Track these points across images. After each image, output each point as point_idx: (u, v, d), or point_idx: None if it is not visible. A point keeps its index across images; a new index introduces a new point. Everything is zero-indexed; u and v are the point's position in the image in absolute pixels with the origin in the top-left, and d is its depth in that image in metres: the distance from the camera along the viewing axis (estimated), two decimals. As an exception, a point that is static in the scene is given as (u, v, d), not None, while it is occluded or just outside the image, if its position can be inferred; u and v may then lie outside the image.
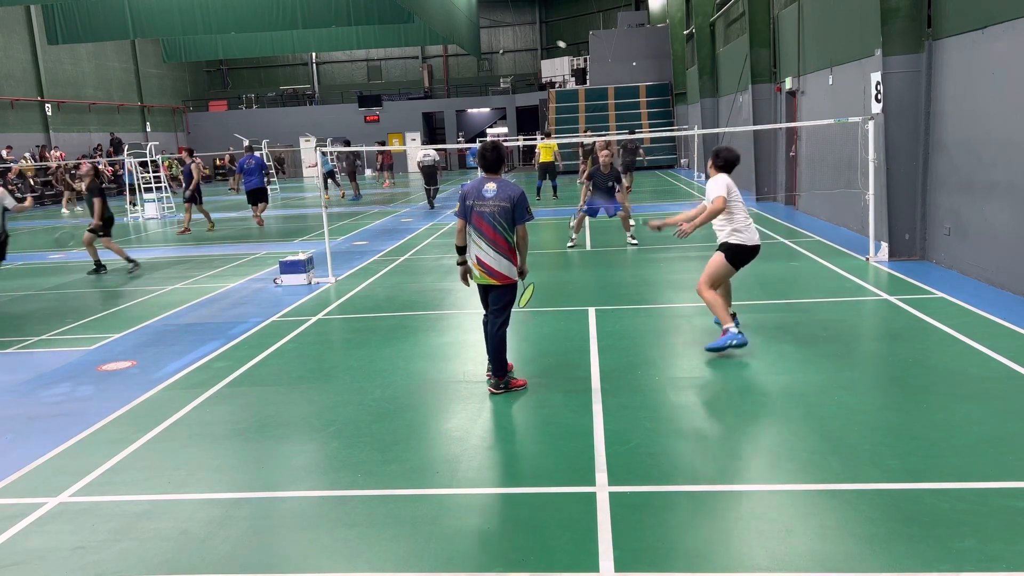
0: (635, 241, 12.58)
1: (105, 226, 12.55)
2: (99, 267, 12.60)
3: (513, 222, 5.63)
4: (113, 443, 5.21)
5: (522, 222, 5.65)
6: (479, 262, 5.69)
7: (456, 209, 5.87)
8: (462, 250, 5.82)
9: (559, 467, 4.52)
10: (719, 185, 6.49)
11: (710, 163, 6.74)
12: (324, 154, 26.58)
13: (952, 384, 5.57)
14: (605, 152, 12.44)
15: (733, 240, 6.54)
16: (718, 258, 6.61)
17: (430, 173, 21.36)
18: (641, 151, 21.99)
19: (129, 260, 12.66)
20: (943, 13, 9.48)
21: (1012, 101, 8.02)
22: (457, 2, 28.36)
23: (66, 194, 27.69)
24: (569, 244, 12.75)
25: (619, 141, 22.14)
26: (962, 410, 5.06)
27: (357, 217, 19.80)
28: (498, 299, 5.77)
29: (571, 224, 13.25)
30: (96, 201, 12.30)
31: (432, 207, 21.17)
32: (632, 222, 12.75)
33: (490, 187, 5.63)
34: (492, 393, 5.77)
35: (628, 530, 3.75)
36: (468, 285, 5.96)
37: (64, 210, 26.46)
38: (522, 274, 5.84)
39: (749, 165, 18.72)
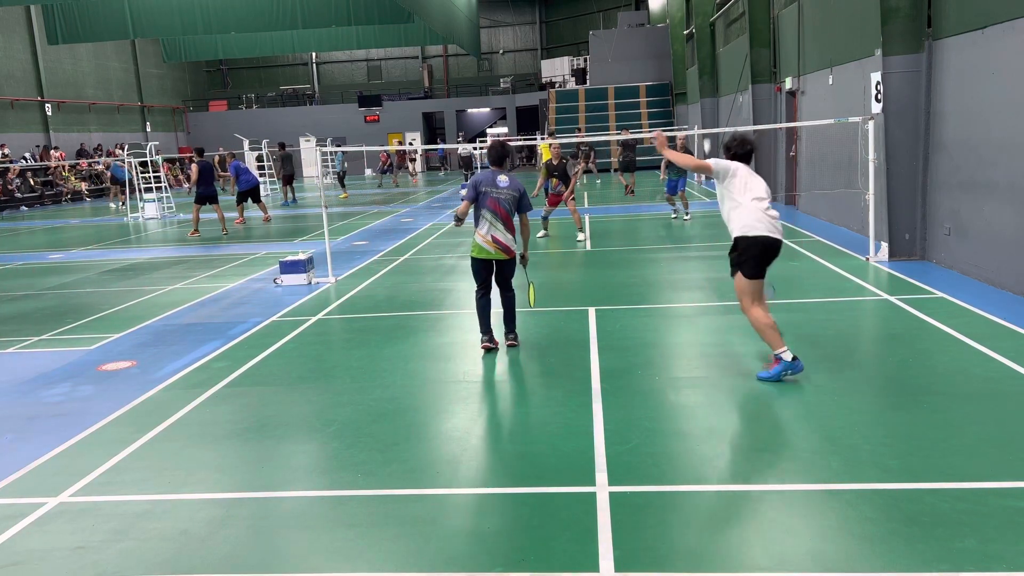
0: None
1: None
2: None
3: (519, 209, 6.72)
4: (113, 443, 5.21)
5: (527, 211, 6.77)
6: (495, 240, 6.59)
7: (466, 192, 6.74)
8: (460, 221, 6.76)
9: (559, 467, 4.52)
10: (723, 159, 5.81)
11: (724, 156, 5.99)
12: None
13: (952, 384, 5.56)
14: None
15: (736, 231, 5.62)
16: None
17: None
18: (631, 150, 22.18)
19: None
20: (943, 13, 9.48)
21: (1012, 101, 8.02)
22: (457, 2, 28.35)
23: (113, 188, 27.33)
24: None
25: (618, 141, 22.97)
26: (962, 410, 5.06)
27: (357, 217, 19.81)
28: (508, 272, 6.83)
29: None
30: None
31: None
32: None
33: (503, 178, 6.66)
34: (512, 346, 6.91)
35: (628, 530, 3.75)
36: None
37: (112, 204, 26.24)
38: (523, 260, 6.89)
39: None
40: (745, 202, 5.61)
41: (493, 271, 6.78)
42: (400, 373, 6.47)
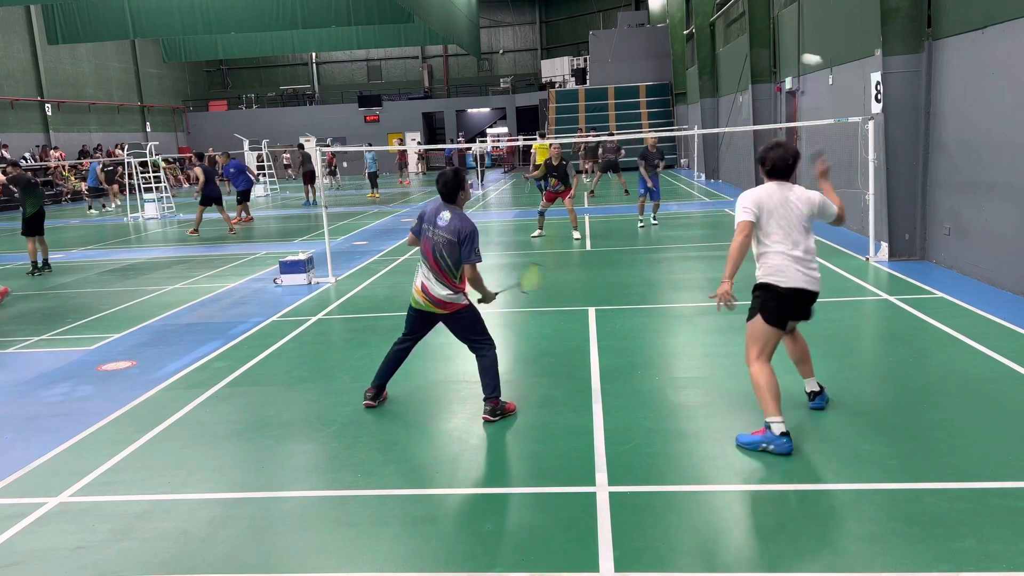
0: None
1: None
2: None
3: (458, 259, 5.18)
4: (113, 443, 5.21)
5: (467, 262, 5.16)
6: (423, 289, 5.31)
7: (414, 225, 5.49)
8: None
9: (559, 467, 4.52)
10: (742, 204, 4.71)
11: (761, 168, 4.92)
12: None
13: (952, 384, 5.57)
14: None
15: (760, 277, 4.73)
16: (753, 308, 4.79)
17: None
18: (622, 151, 22.70)
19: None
20: (943, 13, 9.48)
21: (1012, 101, 8.02)
22: (457, 2, 28.34)
23: (111, 188, 27.19)
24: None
25: (599, 142, 23.93)
26: (962, 410, 5.06)
27: (357, 217, 19.81)
28: (466, 329, 5.36)
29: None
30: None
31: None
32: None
33: (445, 215, 5.25)
34: (487, 421, 5.23)
35: (628, 530, 3.75)
36: None
37: (111, 207, 26.04)
38: (484, 299, 5.50)
39: (749, 165, 18.74)
40: (773, 248, 4.68)
41: (427, 323, 5.50)
42: (400, 373, 6.44)
